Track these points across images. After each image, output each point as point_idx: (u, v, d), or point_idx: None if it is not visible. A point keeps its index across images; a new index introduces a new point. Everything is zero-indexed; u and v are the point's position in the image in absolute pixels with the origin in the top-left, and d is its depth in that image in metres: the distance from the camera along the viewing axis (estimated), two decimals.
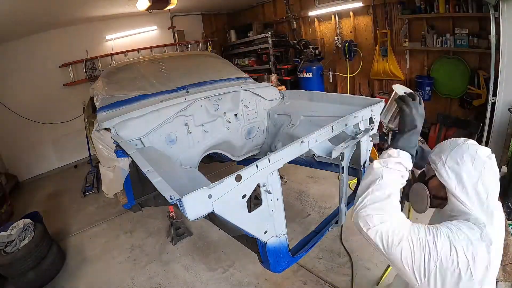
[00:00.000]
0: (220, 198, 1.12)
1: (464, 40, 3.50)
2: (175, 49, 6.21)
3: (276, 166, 1.35)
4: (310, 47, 5.10)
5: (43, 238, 2.58)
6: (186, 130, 2.43)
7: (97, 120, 2.28)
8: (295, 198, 3.31)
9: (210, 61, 3.44)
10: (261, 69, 6.21)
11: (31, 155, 5.09)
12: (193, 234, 2.91)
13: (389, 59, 4.44)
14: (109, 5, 4.62)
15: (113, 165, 2.09)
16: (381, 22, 4.46)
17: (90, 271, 2.64)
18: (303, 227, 2.75)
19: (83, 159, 5.49)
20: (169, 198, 1.08)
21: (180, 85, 2.65)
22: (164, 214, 3.14)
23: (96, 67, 5.32)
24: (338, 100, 2.50)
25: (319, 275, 2.24)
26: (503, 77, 2.96)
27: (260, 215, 1.37)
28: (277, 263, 1.51)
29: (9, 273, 2.41)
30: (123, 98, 2.46)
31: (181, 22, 6.35)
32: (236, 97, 2.72)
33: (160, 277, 2.43)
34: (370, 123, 2.02)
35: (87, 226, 3.35)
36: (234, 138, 2.77)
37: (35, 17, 3.97)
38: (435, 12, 3.72)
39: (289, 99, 2.97)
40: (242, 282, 2.28)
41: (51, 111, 5.08)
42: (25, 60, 4.77)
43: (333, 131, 1.73)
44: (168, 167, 1.80)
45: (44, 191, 4.60)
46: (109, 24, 5.47)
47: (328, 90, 5.37)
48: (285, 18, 5.75)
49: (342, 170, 1.84)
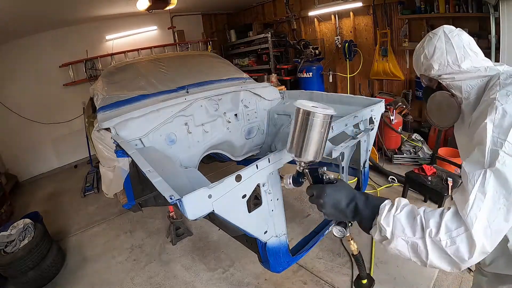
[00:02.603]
0: (220, 198, 1.12)
1: None
2: (175, 49, 6.21)
3: (276, 166, 1.35)
4: (310, 47, 5.10)
5: (43, 238, 2.58)
6: (186, 130, 2.43)
7: (97, 120, 2.28)
8: (295, 198, 3.31)
9: (210, 61, 3.44)
10: (261, 69, 6.21)
11: (31, 155, 5.09)
12: (193, 234, 2.91)
13: (389, 59, 4.44)
14: (109, 5, 4.62)
15: (113, 165, 2.09)
16: (381, 22, 4.47)
17: (90, 271, 2.64)
18: (303, 227, 2.75)
19: (83, 159, 5.49)
20: (169, 198, 1.08)
21: (180, 85, 2.65)
22: (164, 214, 3.14)
23: (96, 67, 5.32)
24: (338, 100, 2.50)
25: (319, 275, 2.24)
26: None
27: (260, 215, 1.37)
28: (277, 263, 1.51)
29: (9, 273, 2.41)
30: (123, 98, 2.46)
31: (181, 22, 6.35)
32: (236, 97, 2.72)
33: (160, 277, 2.43)
34: (370, 123, 2.02)
35: (87, 226, 3.35)
36: (234, 138, 2.77)
37: (35, 17, 3.97)
38: (435, 12, 3.72)
39: (289, 99, 2.97)
40: (242, 282, 2.28)
41: (51, 111, 5.08)
42: (25, 60, 4.77)
43: (333, 131, 1.73)
44: (168, 167, 1.80)
45: (44, 191, 4.60)
46: (109, 24, 5.47)
47: (328, 90, 5.37)
48: (285, 18, 5.75)
49: (342, 170, 1.84)
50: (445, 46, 1.01)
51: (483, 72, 0.97)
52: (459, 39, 1.01)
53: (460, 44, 1.00)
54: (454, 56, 0.99)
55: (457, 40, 1.01)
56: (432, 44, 1.04)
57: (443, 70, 1.02)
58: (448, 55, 1.00)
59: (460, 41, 1.00)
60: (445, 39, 1.02)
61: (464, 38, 1.01)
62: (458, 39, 1.01)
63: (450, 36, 1.01)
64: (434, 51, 1.03)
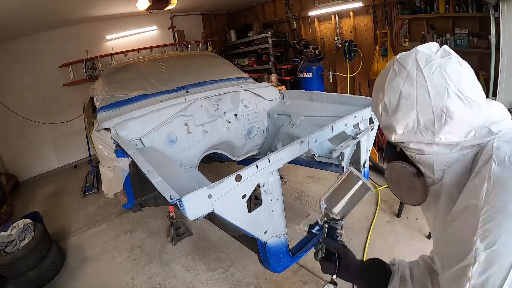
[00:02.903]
0: (220, 198, 1.13)
1: (464, 40, 3.50)
2: (175, 49, 6.21)
3: (276, 166, 1.35)
4: (310, 47, 5.10)
5: (43, 238, 2.58)
6: (186, 130, 2.43)
7: (97, 120, 2.28)
8: (295, 198, 3.30)
9: (210, 61, 3.44)
10: (261, 69, 6.21)
11: (31, 155, 5.09)
12: (193, 234, 2.90)
13: (389, 59, 4.44)
14: (109, 5, 4.62)
15: (113, 165, 2.09)
16: (381, 22, 4.47)
17: (90, 271, 2.64)
18: None
19: (83, 159, 5.49)
20: (169, 198, 1.08)
21: (180, 85, 2.65)
22: (164, 214, 3.14)
23: (96, 67, 5.32)
24: (338, 100, 2.51)
25: (319, 275, 2.23)
26: (503, 77, 2.96)
27: (260, 215, 1.37)
28: (277, 263, 1.51)
29: (9, 273, 2.41)
30: (123, 98, 2.46)
31: (181, 22, 6.35)
32: (236, 97, 2.72)
33: (160, 277, 2.43)
34: (370, 123, 2.02)
35: (87, 226, 3.35)
36: (234, 138, 2.77)
37: (35, 17, 3.97)
38: (435, 12, 3.72)
39: (289, 99, 2.98)
40: (242, 282, 2.28)
41: (51, 111, 5.08)
42: (25, 60, 4.77)
43: (333, 131, 1.73)
44: (168, 167, 1.80)
45: (44, 191, 4.60)
46: (109, 24, 5.47)
47: (328, 90, 5.36)
48: (285, 18, 5.75)
49: (342, 170, 1.84)
50: (416, 95, 0.61)
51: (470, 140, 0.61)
52: (442, 76, 0.60)
53: (442, 87, 0.59)
54: (429, 117, 0.61)
55: (438, 79, 0.60)
56: (396, 89, 0.63)
57: (408, 136, 0.65)
58: (420, 114, 0.61)
59: (444, 80, 0.59)
60: (418, 78, 0.61)
61: (451, 72, 0.60)
62: (440, 77, 0.60)
63: (426, 72, 0.60)
64: (398, 104, 0.63)
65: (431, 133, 0.61)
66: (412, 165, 0.70)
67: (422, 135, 0.63)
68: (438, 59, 0.61)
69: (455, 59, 0.62)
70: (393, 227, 2.62)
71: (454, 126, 0.60)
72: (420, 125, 0.62)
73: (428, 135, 0.62)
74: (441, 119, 0.60)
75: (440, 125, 0.60)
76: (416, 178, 0.69)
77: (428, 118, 0.61)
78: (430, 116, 0.60)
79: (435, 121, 0.60)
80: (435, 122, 0.60)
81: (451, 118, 0.59)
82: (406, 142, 0.66)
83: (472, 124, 0.61)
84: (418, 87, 0.61)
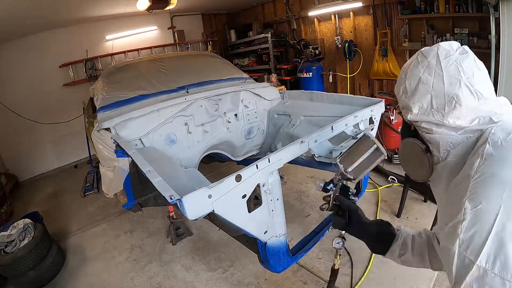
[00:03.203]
0: (220, 198, 1.13)
1: (464, 40, 3.50)
2: (175, 49, 6.22)
3: (276, 166, 1.35)
4: (310, 47, 5.10)
5: (43, 238, 2.58)
6: (186, 130, 2.43)
7: (97, 120, 2.28)
8: (295, 198, 3.30)
9: (210, 61, 3.44)
10: (261, 69, 6.21)
11: (31, 155, 5.09)
12: (193, 234, 2.90)
13: (389, 59, 4.44)
14: (109, 5, 4.62)
15: (113, 165, 2.09)
16: (381, 22, 4.47)
17: (90, 271, 2.64)
18: (303, 227, 2.74)
19: (83, 159, 5.48)
20: (169, 198, 1.08)
21: (180, 85, 2.65)
22: (164, 214, 3.14)
23: (96, 67, 5.32)
24: (338, 100, 2.50)
25: (319, 275, 2.23)
26: (503, 77, 2.96)
27: (260, 215, 1.37)
28: (277, 263, 1.51)
29: (9, 273, 2.41)
30: (123, 98, 2.46)
31: (181, 22, 6.36)
32: (236, 97, 2.72)
33: (160, 277, 2.43)
34: (370, 123, 2.02)
35: (87, 226, 3.35)
36: (234, 138, 2.77)
37: (35, 17, 3.97)
38: (435, 12, 3.72)
39: (289, 99, 2.98)
40: (242, 282, 2.28)
41: (51, 111, 5.08)
42: (25, 60, 4.77)
43: (333, 131, 1.73)
44: (168, 167, 1.80)
45: (44, 191, 4.60)
46: (109, 24, 5.47)
47: (328, 90, 5.37)
48: (285, 18, 5.76)
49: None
50: (432, 82, 0.72)
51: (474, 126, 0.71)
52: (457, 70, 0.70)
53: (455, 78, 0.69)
54: (441, 102, 0.71)
55: (453, 71, 0.70)
56: (416, 75, 0.75)
57: (422, 116, 0.75)
58: (434, 98, 0.72)
59: (458, 72, 0.69)
60: (437, 68, 0.71)
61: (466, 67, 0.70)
62: (455, 70, 0.70)
63: (444, 64, 0.71)
64: (416, 88, 0.75)
65: (441, 115, 0.72)
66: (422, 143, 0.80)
67: (433, 116, 0.73)
68: (457, 55, 0.72)
69: (471, 57, 0.72)
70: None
71: (461, 112, 0.70)
72: (433, 108, 0.72)
73: (439, 116, 0.72)
74: (451, 104, 0.70)
75: (450, 109, 0.70)
76: (425, 155, 0.79)
77: (440, 102, 0.71)
78: (442, 101, 0.71)
79: (446, 106, 0.71)
80: (446, 106, 0.71)
81: (460, 105, 0.69)
82: (419, 121, 0.77)
83: (477, 113, 0.70)
84: (435, 75, 0.72)
